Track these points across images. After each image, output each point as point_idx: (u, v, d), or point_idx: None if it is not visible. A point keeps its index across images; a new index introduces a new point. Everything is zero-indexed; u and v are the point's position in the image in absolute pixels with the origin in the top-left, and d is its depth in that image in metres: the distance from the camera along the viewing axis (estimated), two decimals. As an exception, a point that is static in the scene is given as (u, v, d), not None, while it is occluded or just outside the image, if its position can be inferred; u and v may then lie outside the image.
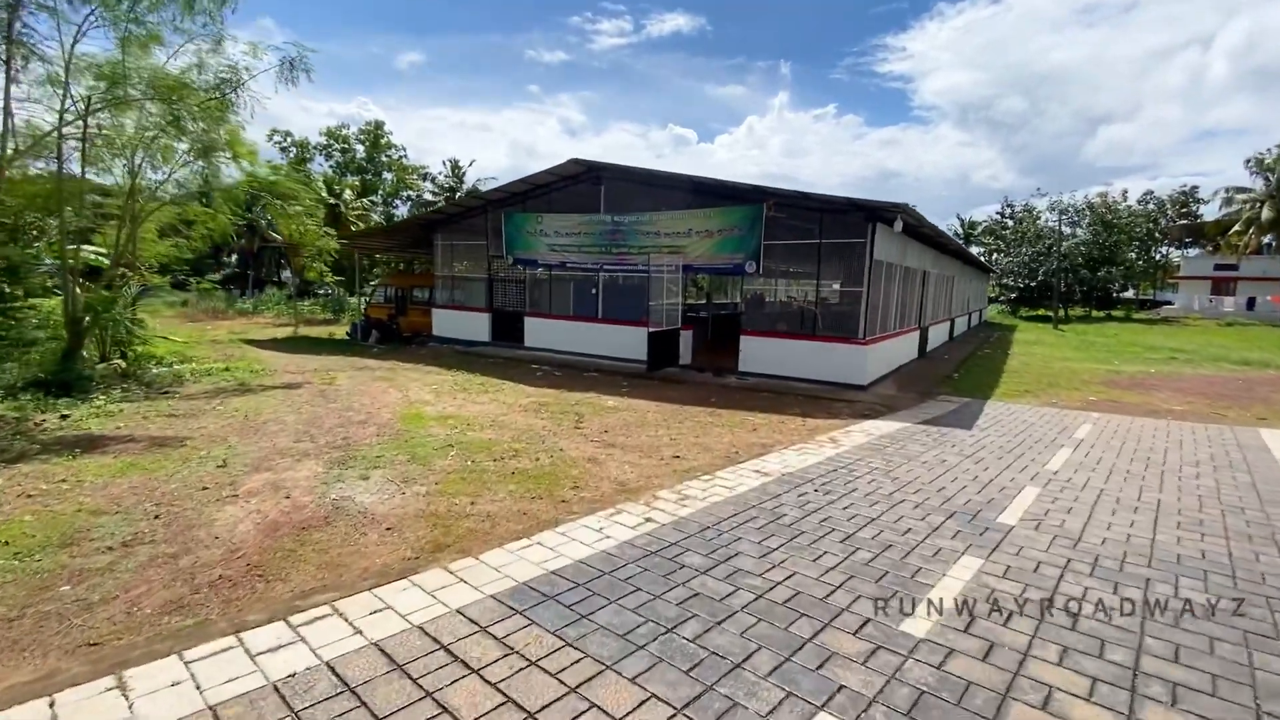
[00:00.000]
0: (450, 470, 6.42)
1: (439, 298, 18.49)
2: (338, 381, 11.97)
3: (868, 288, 11.75)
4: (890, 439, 8.13)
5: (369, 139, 45.49)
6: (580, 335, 15.38)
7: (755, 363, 12.98)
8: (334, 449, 7.22)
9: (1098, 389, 13.40)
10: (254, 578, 4.10)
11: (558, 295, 16.23)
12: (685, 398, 10.97)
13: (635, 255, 14.19)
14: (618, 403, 10.41)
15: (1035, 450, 7.80)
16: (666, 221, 13.78)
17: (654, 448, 7.52)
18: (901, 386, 12.69)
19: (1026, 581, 4.15)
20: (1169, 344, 24.70)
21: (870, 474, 6.55)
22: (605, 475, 6.36)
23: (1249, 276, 41.73)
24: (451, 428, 8.36)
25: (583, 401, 10.43)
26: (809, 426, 8.91)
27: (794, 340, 12.55)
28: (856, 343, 11.87)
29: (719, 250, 13.17)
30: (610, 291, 15.26)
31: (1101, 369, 17.03)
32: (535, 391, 11.31)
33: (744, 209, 12.78)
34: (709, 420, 9.21)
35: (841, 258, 11.98)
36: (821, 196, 11.77)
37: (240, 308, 36.36)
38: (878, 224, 11.68)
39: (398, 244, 20.75)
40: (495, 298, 17.12)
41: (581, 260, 15.09)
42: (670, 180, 13.75)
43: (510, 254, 16.30)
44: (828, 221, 12.09)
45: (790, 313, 12.70)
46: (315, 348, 18.06)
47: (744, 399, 11.02)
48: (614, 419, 9.14)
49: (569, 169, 14.60)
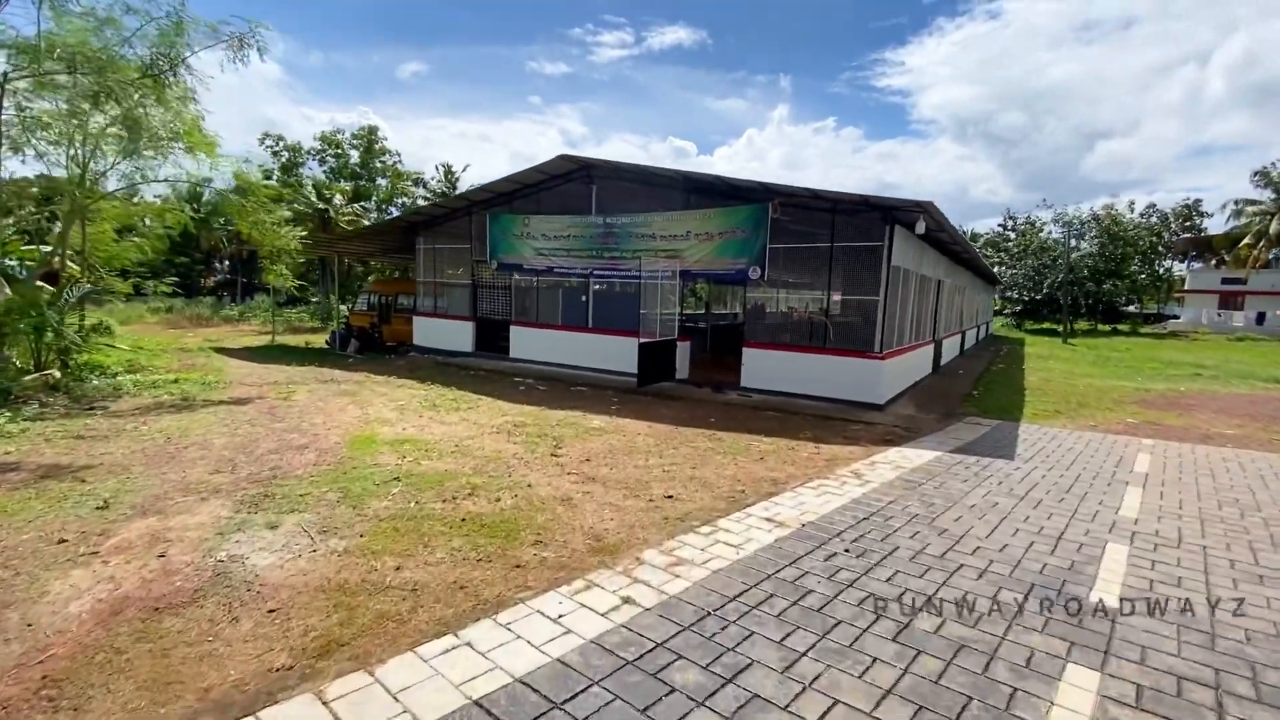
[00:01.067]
0: (385, 516, 5.07)
1: (420, 305, 17.19)
2: (295, 396, 10.63)
3: (885, 296, 10.46)
4: (925, 473, 6.79)
5: (363, 144, 44.34)
6: (569, 346, 14.07)
7: (759, 378, 11.67)
8: (254, 483, 5.88)
9: (1132, 409, 12.08)
10: (39, 704, 2.75)
11: (545, 303, 14.93)
12: (681, 417, 9.65)
13: (628, 260, 12.91)
14: (604, 423, 9.08)
15: (1098, 489, 6.47)
16: (663, 223, 12.51)
17: (642, 483, 6.18)
18: (921, 406, 11.37)
19: (1175, 717, 2.81)
20: (1186, 359, 23.44)
21: (910, 524, 5.22)
22: (578, 524, 5.01)
23: (1258, 290, 40.56)
24: (405, 455, 7.02)
25: (565, 421, 9.09)
26: (825, 455, 7.57)
27: (802, 354, 11.24)
28: (872, 357, 10.56)
29: (720, 254, 11.89)
30: (601, 299, 13.97)
31: (1128, 386, 15.72)
32: (514, 409, 9.98)
33: (747, 209, 11.52)
34: (708, 446, 7.87)
35: (855, 263, 10.71)
36: (833, 194, 10.50)
37: (226, 314, 35.10)
38: (896, 226, 10.41)
39: (380, 248, 19.48)
40: (479, 305, 15.82)
41: (570, 265, 13.80)
42: (666, 178, 12.49)
43: (494, 258, 15.01)
44: (840, 223, 10.82)
45: (798, 323, 11.44)
46: (288, 357, 16.73)
47: (747, 419, 9.69)
48: (598, 444, 7.80)
49: (558, 166, 13.35)
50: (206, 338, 22.93)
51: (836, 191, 10.28)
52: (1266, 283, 39.89)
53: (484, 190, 14.49)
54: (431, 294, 16.91)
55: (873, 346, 10.64)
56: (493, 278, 15.43)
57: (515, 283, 15.22)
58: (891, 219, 10.31)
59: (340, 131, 44.46)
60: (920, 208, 9.75)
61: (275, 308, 36.99)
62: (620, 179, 13.16)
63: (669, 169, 11.63)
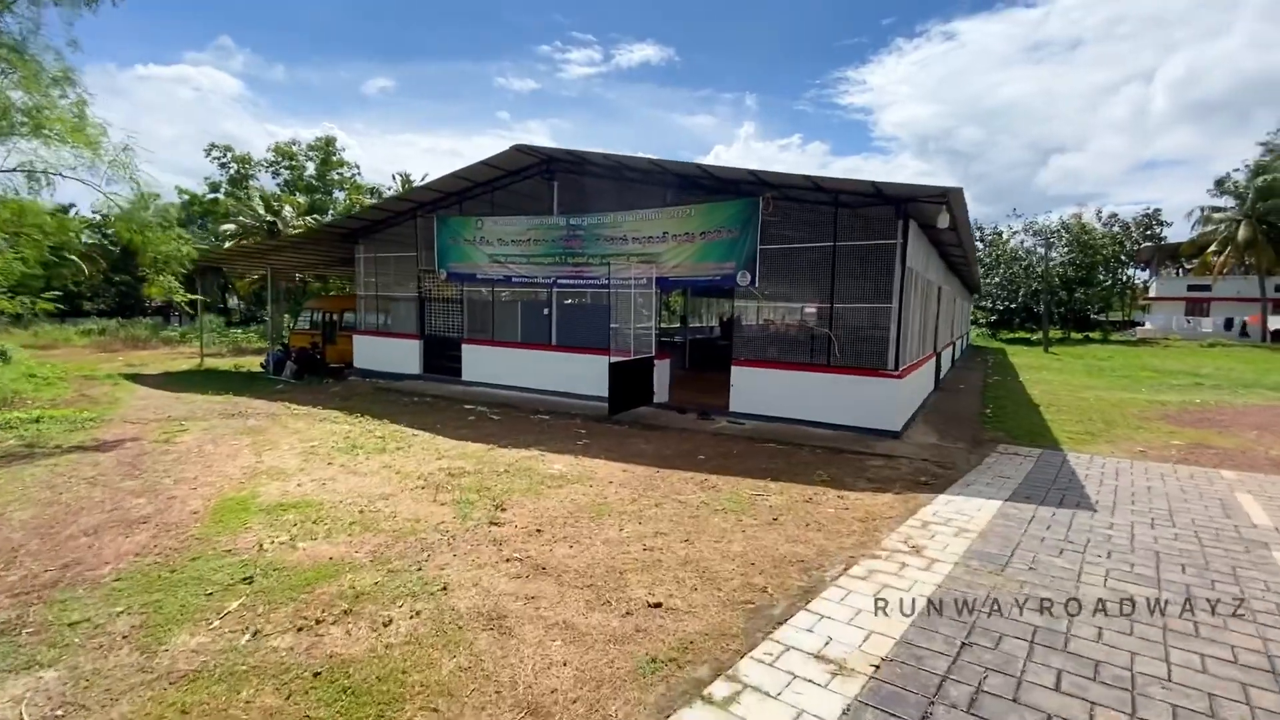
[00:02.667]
0: (186, 671, 3.00)
1: (361, 322, 14.97)
2: (180, 438, 8.40)
3: (900, 304, 8.70)
4: (1001, 541, 4.92)
5: (320, 155, 41.76)
6: (529, 367, 12.04)
7: (751, 401, 9.79)
8: (16, 596, 3.75)
9: (1167, 429, 10.50)
10: None
11: (502, 318, 12.89)
12: (663, 454, 7.69)
13: (596, 266, 10.97)
14: (567, 467, 7.07)
15: (1240, 560, 4.68)
16: (635, 223, 10.62)
17: (614, 574, 4.19)
18: (939, 430, 9.60)
19: None
20: (1178, 367, 22.35)
21: (1035, 649, 3.32)
22: (508, 680, 3.00)
23: (1223, 297, 40.41)
24: (281, 531, 4.92)
25: (517, 466, 7.06)
26: (856, 511, 5.67)
27: (803, 372, 9.39)
28: (887, 375, 8.77)
29: (703, 258, 10.03)
30: (567, 312, 11.99)
31: (1140, 399, 14.26)
32: (455, 449, 7.91)
33: (734, 205, 9.69)
34: (700, 499, 5.92)
35: (863, 266, 8.94)
36: (837, 183, 8.74)
37: (165, 335, 32.21)
38: (910, 220, 8.68)
39: (323, 260, 17.21)
40: (428, 321, 13.69)
41: (530, 273, 11.80)
42: (639, 169, 10.62)
43: (443, 267, 12.93)
44: (845, 219, 9.05)
45: (796, 337, 9.63)
46: (210, 384, 14.33)
47: (744, 455, 7.78)
48: (556, 501, 5.79)
49: (513, 160, 11.39)
50: (129, 362, 20.27)
51: (841, 179, 8.51)
52: (1231, 289, 39.72)
53: (429, 189, 12.43)
54: (374, 309, 14.72)
55: (886, 363, 8.85)
56: (442, 290, 13.34)
57: (468, 295, 13.16)
58: (905, 213, 8.58)
59: (295, 143, 41.89)
60: (944, 196, 8.03)
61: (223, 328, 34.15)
62: (585, 173, 11.25)
63: (641, 157, 9.79)
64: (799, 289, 9.28)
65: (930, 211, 8.60)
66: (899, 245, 8.66)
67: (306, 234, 14.22)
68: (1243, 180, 36.43)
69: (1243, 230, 33.69)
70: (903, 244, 8.61)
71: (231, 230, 30.67)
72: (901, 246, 8.62)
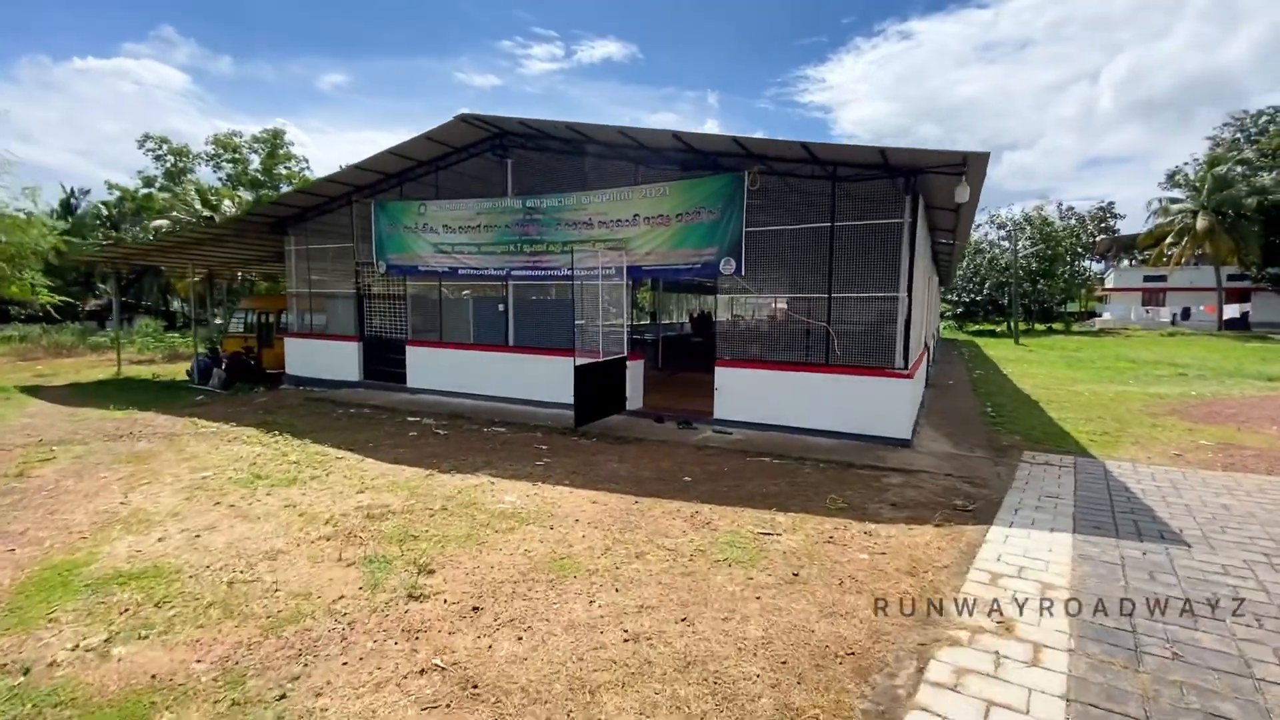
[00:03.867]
0: None
1: (293, 323, 13.18)
2: (39, 469, 6.67)
3: (909, 292, 7.47)
4: (1104, 600, 3.66)
5: (266, 148, 39.02)
6: (483, 371, 10.50)
7: (739, 406, 8.47)
8: None
9: (1179, 425, 9.56)
10: None
11: (452, 316, 11.31)
12: (641, 477, 6.29)
13: (558, 255, 9.50)
14: (522, 498, 5.62)
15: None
16: (602, 205, 9.18)
17: (580, 694, 2.78)
18: (950, 436, 8.43)
19: None
20: (1151, 357, 21.94)
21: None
22: None
23: (1177, 287, 40.94)
24: (101, 623, 3.37)
25: (458, 499, 5.57)
26: (896, 555, 4.36)
27: (797, 373, 8.10)
28: (895, 375, 7.53)
29: (680, 243, 8.65)
30: (525, 309, 10.49)
31: (1134, 393, 13.45)
32: (384, 476, 6.37)
33: (716, 181, 8.34)
34: (694, 545, 4.54)
35: (865, 248, 7.69)
36: (835, 151, 7.47)
37: (94, 342, 29.46)
38: (919, 194, 7.46)
39: (255, 255, 15.27)
40: (367, 321, 12.01)
41: (481, 264, 10.26)
42: (605, 141, 9.18)
43: (382, 259, 11.28)
44: (844, 194, 7.79)
45: (789, 332, 8.34)
46: (120, 396, 12.36)
47: (737, 475, 6.43)
48: (503, 554, 4.35)
49: (458, 133, 9.82)
50: (41, 372, 17.93)
51: (841, 145, 7.22)
52: (1185, 279, 40.25)
53: (364, 169, 10.75)
54: (307, 308, 12.94)
55: (893, 360, 7.62)
56: (384, 285, 11.68)
57: (412, 291, 11.53)
58: (914, 186, 7.35)
59: (237, 134, 39.04)
60: (963, 165, 6.80)
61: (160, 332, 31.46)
62: (544, 148, 9.76)
63: (608, 126, 8.33)
64: (791, 277, 8.01)
65: (942, 185, 7.38)
66: (907, 225, 7.43)
67: (225, 224, 12.38)
68: (1192, 173, 36.82)
69: (1200, 220, 33.90)
70: (911, 223, 7.38)
71: (165, 227, 28.09)
72: (910, 226, 7.39)
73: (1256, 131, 42.99)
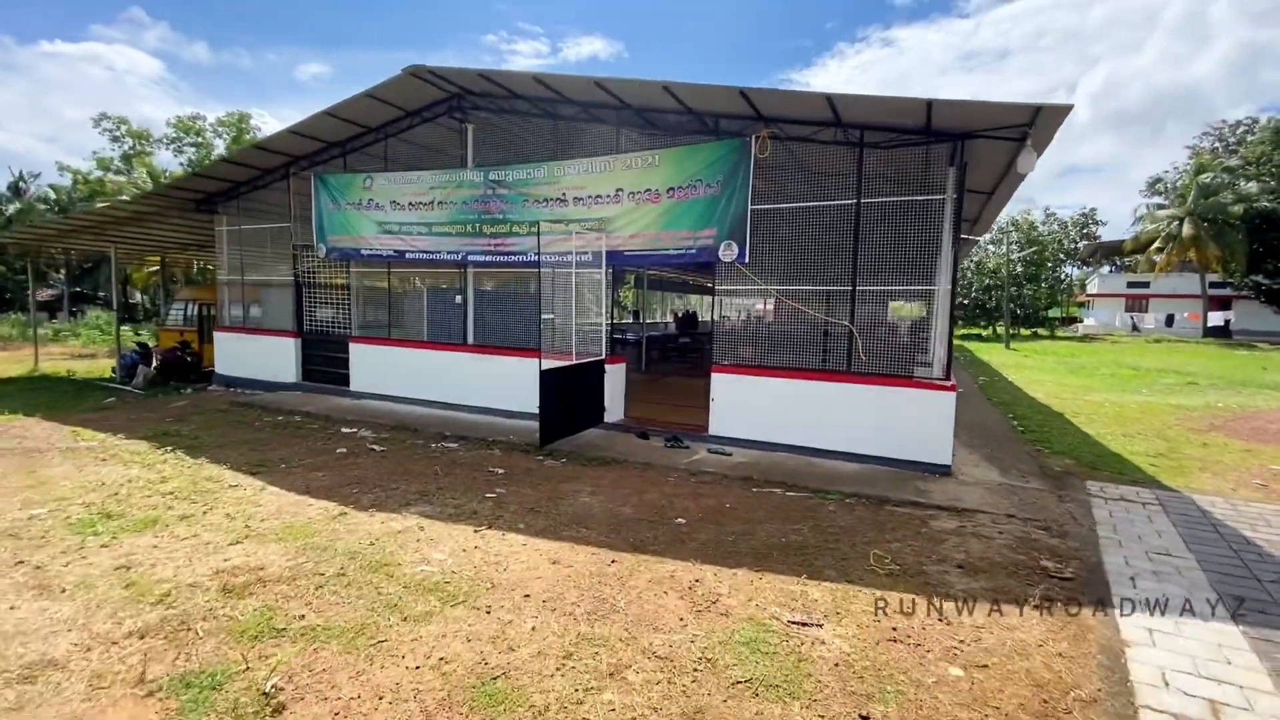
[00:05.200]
0: None
1: (224, 315, 11.39)
2: None
3: (954, 284, 6.02)
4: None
5: (231, 132, 36.67)
6: (438, 373, 8.87)
7: (739, 421, 6.96)
8: None
9: (1232, 444, 8.27)
10: None
11: (403, 308, 9.66)
12: (620, 519, 4.74)
13: (523, 237, 7.90)
14: (455, 554, 4.03)
15: None
16: (579, 178, 7.61)
17: None
18: (991, 458, 6.99)
19: None
20: (1152, 364, 20.93)
21: None
22: None
23: (1160, 294, 40.41)
24: None
25: (366, 556, 3.97)
26: (1005, 664, 2.85)
27: (813, 382, 6.59)
28: (934, 386, 6.07)
29: (672, 223, 7.11)
30: (487, 301, 8.87)
31: (1156, 404, 12.23)
32: (281, 514, 4.74)
33: (716, 148, 6.81)
34: (699, 646, 3.00)
35: (898, 231, 6.22)
36: (865, 106, 5.99)
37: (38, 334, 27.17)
38: (965, 163, 6.00)
39: (191, 238, 13.41)
40: (308, 314, 10.28)
41: (432, 248, 8.62)
42: (580, 99, 7.61)
43: (322, 240, 9.58)
44: (873, 162, 6.31)
45: (802, 332, 6.83)
46: (16, 396, 10.49)
47: (744, 515, 4.90)
48: (406, 665, 2.76)
49: (408, 91, 8.17)
50: (-50, 367, 15.87)
51: (873, 97, 5.72)
52: (1168, 286, 39.71)
53: (301, 135, 9.01)
54: (240, 299, 11.17)
55: (932, 368, 6.17)
56: (325, 272, 9.96)
57: (358, 278, 9.84)
58: (961, 154, 5.89)
59: (200, 118, 36.64)
60: (1032, 121, 5.35)
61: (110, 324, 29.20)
62: (510, 110, 8.15)
63: (582, 77, 6.73)
64: (804, 266, 6.52)
65: (991, 153, 5.94)
66: (950, 201, 5.97)
67: (140, 200, 10.57)
68: (1173, 180, 36.29)
69: (1186, 227, 33.26)
70: (956, 199, 5.93)
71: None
72: (955, 203, 5.94)
73: (1235, 141, 42.81)
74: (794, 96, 5.97)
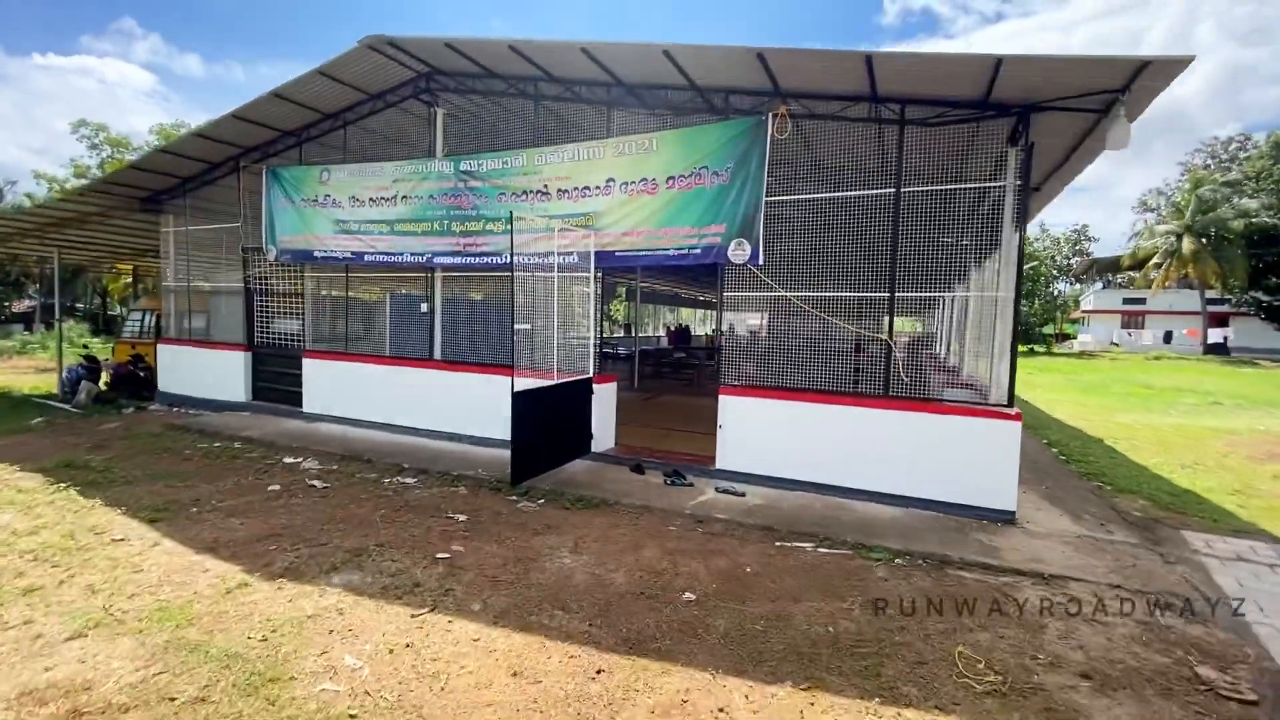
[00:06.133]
0: None
1: (168, 326, 10.10)
2: None
3: (1017, 291, 4.90)
4: None
5: (213, 142, 35.32)
6: (401, 393, 7.64)
7: (752, 452, 5.77)
8: None
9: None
10: None
11: (362, 319, 8.46)
12: (611, 595, 3.53)
13: (498, 236, 6.74)
14: (378, 658, 2.80)
15: None
16: (562, 165, 6.47)
17: None
18: (1052, 498, 5.83)
19: None
20: (1164, 383, 19.98)
21: None
22: None
23: (1157, 310, 39.76)
24: None
25: (252, 661, 2.74)
26: None
27: (845, 407, 5.43)
28: (994, 414, 4.92)
29: (673, 218, 5.97)
30: (458, 310, 7.68)
31: (1191, 426, 11.18)
32: (160, 587, 3.50)
33: (724, 129, 5.71)
34: None
35: (948, 226, 5.13)
36: (916, 65, 4.90)
37: (4, 346, 25.77)
38: (1032, 143, 4.90)
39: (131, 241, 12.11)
40: (259, 326, 9.03)
41: (395, 249, 7.43)
42: (565, 76, 6.49)
43: (273, 242, 8.38)
44: (917, 142, 5.21)
45: (829, 348, 5.66)
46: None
47: (774, 586, 3.70)
48: None
49: (368, 70, 7.03)
50: (-116, 381, 14.50)
51: (923, 55, 4.63)
52: (1165, 302, 39.09)
53: (247, 121, 7.81)
54: (186, 307, 9.89)
55: (991, 393, 5.04)
56: (283, 279, 8.73)
57: (313, 284, 8.63)
58: (1026, 131, 4.81)
59: (183, 125, 35.36)
60: (1128, 86, 4.27)
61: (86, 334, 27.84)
62: (486, 91, 7.02)
63: (567, 42, 5.62)
64: (831, 268, 5.40)
65: (1060, 132, 4.86)
66: (1013, 189, 4.88)
67: (72, 196, 9.32)
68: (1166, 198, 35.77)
69: (1186, 242, 32.64)
70: (1021, 187, 4.83)
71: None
72: (1019, 192, 4.84)
73: (1227, 158, 42.51)
74: (823, 58, 4.86)
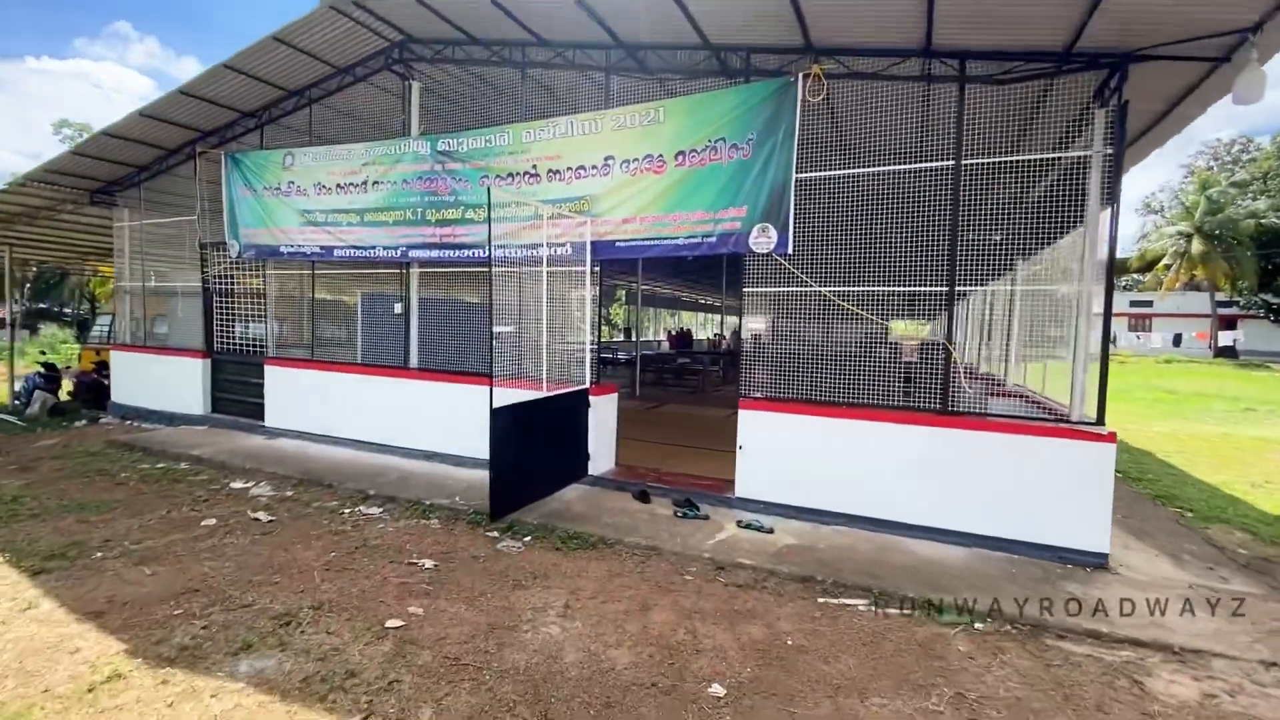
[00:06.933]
0: None
1: (122, 331, 9.14)
2: None
3: (1109, 285, 3.97)
4: None
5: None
6: (372, 406, 6.69)
7: (780, 477, 4.82)
8: None
9: None
10: None
11: (330, 321, 7.51)
12: (610, 683, 2.56)
13: (480, 224, 5.80)
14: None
15: None
16: (553, 142, 5.54)
17: None
18: (1139, 534, 4.89)
19: None
20: (1186, 388, 19.08)
21: None
22: None
23: (1165, 313, 38.91)
24: None
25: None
26: None
27: (891, 424, 4.48)
28: (1080, 434, 3.98)
29: (682, 200, 5.04)
30: (436, 311, 6.72)
31: (1236, 435, 10.30)
32: (9, 685, 2.54)
33: (745, 93, 4.78)
34: None
35: (1023, 204, 4.21)
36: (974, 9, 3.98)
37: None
38: (1126, 102, 3.98)
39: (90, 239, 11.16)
40: (219, 330, 8.08)
41: (365, 240, 6.49)
42: (555, 32, 5.57)
43: (235, 236, 7.44)
44: (980, 106, 4.28)
45: (871, 354, 4.72)
46: None
47: (830, 676, 2.75)
48: None
49: (334, 38, 6.11)
50: None
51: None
52: (1172, 305, 38.26)
53: (197, 97, 6.87)
54: (142, 310, 8.94)
55: (1073, 409, 4.10)
56: (244, 276, 7.78)
57: (277, 283, 7.68)
58: (1120, 85, 3.90)
59: (173, 127, 34.40)
60: (1258, 26, 3.36)
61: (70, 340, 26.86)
62: (465, 59, 6.09)
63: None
64: (874, 259, 4.47)
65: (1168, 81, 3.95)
66: (1098, 158, 3.96)
67: (7, 188, 8.40)
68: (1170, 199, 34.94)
69: (1196, 244, 31.80)
70: (1112, 155, 3.91)
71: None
72: (1111, 159, 3.92)
73: (1230, 160, 41.73)
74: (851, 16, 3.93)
